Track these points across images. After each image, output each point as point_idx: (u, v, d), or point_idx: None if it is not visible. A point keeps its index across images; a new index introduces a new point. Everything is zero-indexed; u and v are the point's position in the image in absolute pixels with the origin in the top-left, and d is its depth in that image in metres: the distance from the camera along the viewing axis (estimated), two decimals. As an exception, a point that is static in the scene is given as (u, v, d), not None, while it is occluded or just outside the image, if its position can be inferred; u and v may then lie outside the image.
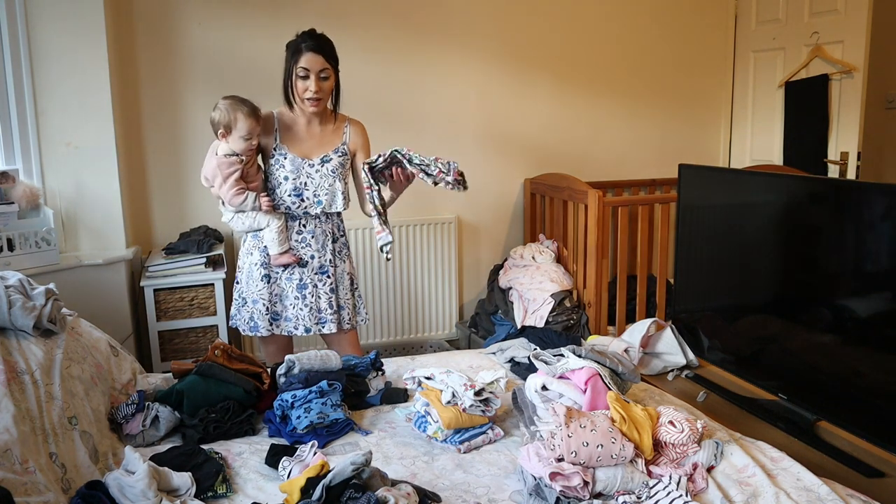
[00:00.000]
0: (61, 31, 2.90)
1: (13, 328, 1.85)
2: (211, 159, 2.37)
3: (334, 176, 2.43)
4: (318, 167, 2.43)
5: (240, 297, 2.54)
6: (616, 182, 4.13)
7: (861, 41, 3.53)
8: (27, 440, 1.56)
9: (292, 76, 2.35)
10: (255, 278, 2.47)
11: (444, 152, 3.83)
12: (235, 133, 2.31)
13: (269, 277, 2.47)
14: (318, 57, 2.33)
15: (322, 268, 2.49)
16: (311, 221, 2.47)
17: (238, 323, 2.55)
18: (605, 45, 4.08)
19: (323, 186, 2.42)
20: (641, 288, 3.59)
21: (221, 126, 2.31)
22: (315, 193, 2.42)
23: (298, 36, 2.37)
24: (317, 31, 2.38)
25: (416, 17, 3.69)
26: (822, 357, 2.24)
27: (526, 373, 2.23)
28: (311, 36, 2.34)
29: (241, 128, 2.31)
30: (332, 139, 2.48)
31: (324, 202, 2.43)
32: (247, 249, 2.50)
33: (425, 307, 3.89)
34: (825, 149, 3.75)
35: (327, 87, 2.38)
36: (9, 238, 2.72)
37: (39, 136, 2.94)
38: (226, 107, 2.31)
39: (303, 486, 1.50)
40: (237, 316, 2.55)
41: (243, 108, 2.31)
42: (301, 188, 2.41)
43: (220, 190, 2.35)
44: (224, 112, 2.30)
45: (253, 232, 2.47)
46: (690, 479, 1.69)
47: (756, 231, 2.52)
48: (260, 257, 2.46)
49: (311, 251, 2.48)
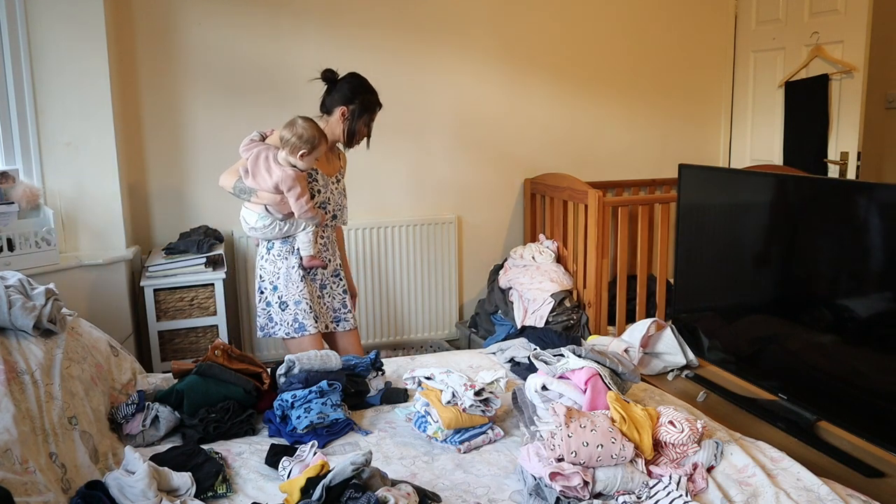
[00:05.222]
0: (61, 32, 2.90)
1: (13, 328, 1.86)
2: (284, 169, 2.39)
3: (343, 193, 2.70)
4: (335, 185, 2.65)
5: (276, 303, 2.56)
6: (616, 182, 4.13)
7: (861, 41, 3.52)
8: (27, 440, 1.56)
9: (358, 121, 2.56)
10: (294, 280, 2.54)
11: (444, 152, 3.86)
12: (314, 154, 2.41)
13: (305, 278, 2.57)
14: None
15: (335, 271, 2.70)
16: (328, 230, 2.67)
17: (275, 331, 2.57)
18: (605, 45, 4.08)
19: (339, 203, 2.67)
20: (641, 288, 3.59)
21: (307, 146, 2.38)
22: (334, 208, 2.65)
23: (365, 90, 2.57)
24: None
25: (415, 16, 3.69)
26: (822, 357, 2.24)
27: (526, 373, 2.23)
28: (375, 93, 2.60)
29: (320, 151, 2.44)
30: (336, 162, 2.71)
31: (338, 216, 2.68)
32: (278, 255, 2.55)
33: (425, 307, 3.89)
34: (825, 149, 3.75)
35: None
36: (9, 238, 2.72)
37: (39, 136, 2.94)
38: (313, 129, 2.40)
39: (303, 486, 1.50)
40: (269, 325, 2.57)
41: (324, 135, 2.45)
42: (326, 202, 2.61)
43: (297, 201, 2.42)
44: (313, 133, 2.39)
45: (283, 238, 2.53)
46: (690, 479, 1.69)
47: (756, 231, 2.52)
48: (297, 260, 2.55)
49: (329, 255, 2.67)
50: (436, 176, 3.87)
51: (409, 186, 3.82)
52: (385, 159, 3.67)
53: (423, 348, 3.91)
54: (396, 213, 3.79)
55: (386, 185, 3.77)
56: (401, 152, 3.74)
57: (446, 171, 3.88)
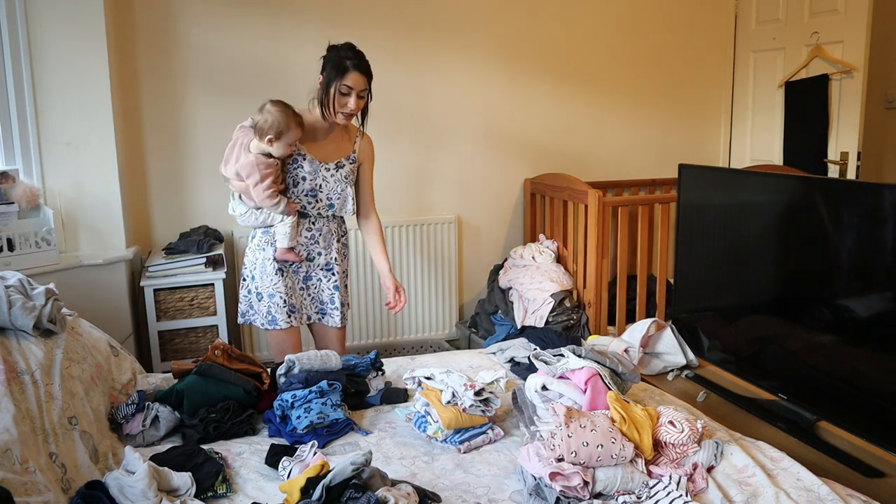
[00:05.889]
0: (61, 32, 2.90)
1: (13, 328, 1.85)
2: (246, 155, 2.35)
3: (346, 182, 2.53)
4: (334, 172, 2.50)
5: (252, 293, 2.54)
6: (616, 182, 4.13)
7: (861, 41, 3.52)
8: (27, 440, 1.56)
9: (331, 88, 2.36)
10: (268, 273, 2.49)
11: (444, 152, 3.86)
12: (284, 140, 2.32)
13: (283, 271, 2.50)
14: (363, 77, 2.38)
15: (328, 265, 2.58)
16: (320, 220, 2.54)
17: (253, 319, 2.55)
18: (605, 45, 4.08)
19: (336, 191, 2.51)
20: (641, 288, 3.59)
21: (273, 131, 2.30)
22: (328, 196, 2.50)
23: (339, 49, 2.39)
24: (356, 47, 2.41)
25: (415, 16, 3.69)
26: (822, 357, 2.24)
27: (526, 373, 2.23)
28: (355, 54, 2.38)
29: (291, 136, 2.33)
30: (345, 147, 2.56)
31: (336, 205, 2.53)
32: (258, 245, 2.52)
33: (425, 307, 3.89)
34: (825, 149, 3.75)
35: (362, 105, 2.44)
36: (9, 238, 2.72)
37: (39, 136, 2.94)
38: (279, 113, 2.30)
39: (303, 486, 1.50)
40: (250, 312, 2.56)
41: (296, 118, 2.34)
42: (317, 190, 2.48)
43: (254, 189, 2.36)
44: (277, 118, 2.30)
45: (264, 228, 2.49)
46: (690, 479, 1.69)
47: (756, 231, 2.52)
48: (272, 252, 2.49)
49: (319, 248, 2.55)
50: (436, 176, 3.87)
51: (408, 186, 3.82)
52: (385, 159, 3.65)
53: (423, 348, 3.91)
54: (396, 212, 3.79)
55: (386, 184, 3.76)
56: (401, 152, 3.74)
57: (446, 171, 3.88)
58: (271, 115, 2.30)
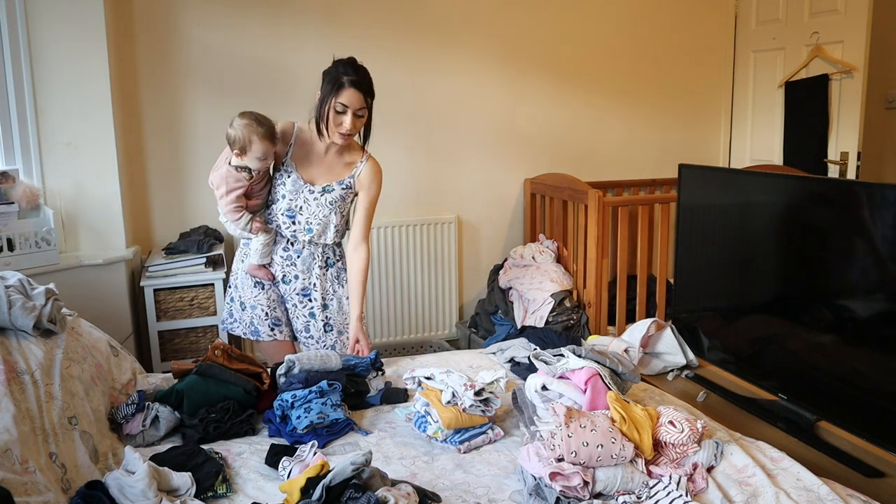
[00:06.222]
0: (61, 32, 2.90)
1: (13, 328, 1.85)
2: (222, 167, 2.32)
3: (331, 208, 2.36)
4: (318, 195, 2.35)
5: (235, 300, 2.50)
6: (616, 182, 4.13)
7: (861, 41, 3.52)
8: (27, 440, 1.56)
9: (327, 106, 2.21)
10: (246, 284, 2.46)
11: (444, 152, 3.86)
12: (251, 154, 2.25)
13: (262, 285, 2.45)
14: (359, 94, 2.20)
15: (305, 290, 2.45)
16: (300, 242, 2.41)
17: (235, 327, 2.50)
18: (605, 45, 4.08)
19: (317, 215, 2.36)
20: (641, 288, 3.59)
21: (237, 146, 2.24)
22: (308, 220, 2.36)
23: (339, 64, 2.23)
24: (357, 62, 2.25)
25: (415, 16, 3.69)
26: (822, 357, 2.24)
27: (526, 373, 2.23)
28: (353, 69, 2.21)
29: (256, 150, 2.24)
30: (341, 170, 2.39)
31: (314, 231, 2.37)
32: (238, 255, 2.50)
33: (425, 307, 3.89)
34: (825, 149, 3.75)
35: (360, 125, 2.28)
36: (9, 238, 2.72)
37: (39, 136, 2.94)
38: (242, 127, 2.22)
39: (303, 486, 1.50)
40: (232, 319, 2.51)
41: (259, 130, 2.22)
42: (295, 211, 2.35)
43: (220, 200, 2.33)
44: (240, 132, 2.22)
45: (245, 238, 2.46)
46: (690, 479, 1.69)
47: (756, 231, 2.52)
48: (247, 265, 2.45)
49: (296, 271, 2.43)
50: (436, 176, 3.87)
51: (408, 186, 3.82)
52: (385, 159, 3.63)
53: (423, 348, 3.91)
54: (396, 213, 3.79)
55: (385, 184, 3.73)
56: (400, 152, 3.74)
57: (446, 171, 3.88)
58: (234, 130, 2.23)
